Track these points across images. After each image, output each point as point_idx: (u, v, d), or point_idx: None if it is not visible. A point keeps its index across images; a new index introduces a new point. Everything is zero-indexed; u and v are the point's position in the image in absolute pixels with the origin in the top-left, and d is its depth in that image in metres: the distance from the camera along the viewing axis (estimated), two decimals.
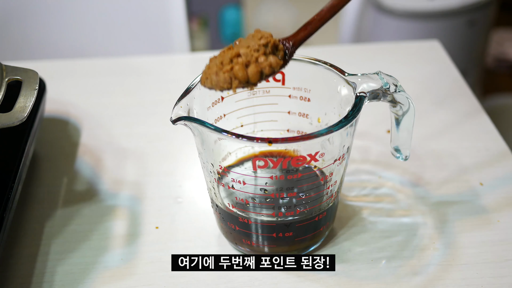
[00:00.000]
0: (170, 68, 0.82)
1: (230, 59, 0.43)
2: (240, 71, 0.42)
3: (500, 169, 0.62)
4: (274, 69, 0.43)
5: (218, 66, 0.43)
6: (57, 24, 1.13)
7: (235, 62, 0.43)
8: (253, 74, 0.43)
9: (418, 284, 0.51)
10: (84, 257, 0.54)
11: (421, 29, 1.35)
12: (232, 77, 0.42)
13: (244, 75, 0.42)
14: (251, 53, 0.43)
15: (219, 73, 0.43)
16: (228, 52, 0.44)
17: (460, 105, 0.72)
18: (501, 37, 1.98)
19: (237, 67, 0.42)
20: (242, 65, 0.42)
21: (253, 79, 0.43)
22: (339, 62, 0.54)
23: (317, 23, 0.44)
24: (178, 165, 0.64)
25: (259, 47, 0.43)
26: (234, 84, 0.43)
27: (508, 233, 0.55)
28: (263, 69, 0.43)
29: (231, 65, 0.43)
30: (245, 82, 0.43)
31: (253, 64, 0.42)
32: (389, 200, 0.59)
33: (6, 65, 0.53)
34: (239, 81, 0.43)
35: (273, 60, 0.43)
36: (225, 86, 0.43)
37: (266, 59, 0.43)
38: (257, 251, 0.53)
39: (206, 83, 0.44)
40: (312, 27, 0.45)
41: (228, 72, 0.42)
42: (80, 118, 0.71)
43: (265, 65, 0.43)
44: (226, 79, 0.42)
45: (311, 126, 0.54)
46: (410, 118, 0.51)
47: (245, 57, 0.43)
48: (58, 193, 0.61)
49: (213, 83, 0.43)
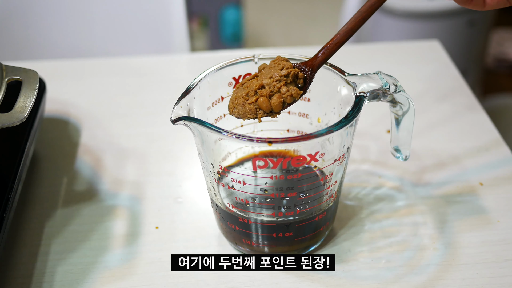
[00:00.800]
0: (170, 68, 0.82)
1: (254, 91, 0.47)
2: (264, 103, 0.46)
3: (500, 169, 0.62)
4: (295, 99, 0.47)
5: (244, 97, 0.47)
6: (57, 24, 1.13)
7: (259, 93, 0.47)
8: (276, 105, 0.46)
9: (418, 284, 0.51)
10: (84, 257, 0.54)
11: (421, 29, 1.35)
12: (257, 108, 0.47)
13: (268, 106, 0.46)
14: (274, 83, 0.46)
15: (245, 104, 0.47)
16: (252, 82, 0.48)
17: (460, 105, 0.72)
18: (501, 37, 1.98)
19: (261, 99, 0.46)
20: (266, 97, 0.46)
21: (276, 109, 0.47)
22: (339, 62, 0.54)
23: (334, 46, 0.48)
24: (178, 165, 0.65)
25: (280, 77, 0.47)
26: (259, 115, 0.47)
27: (508, 233, 0.55)
28: (285, 99, 0.47)
29: (256, 97, 0.47)
30: (269, 112, 0.47)
31: (276, 95, 0.46)
32: (389, 200, 0.59)
33: (6, 65, 0.53)
34: (263, 112, 0.47)
35: (294, 91, 0.47)
36: (251, 117, 0.47)
37: (288, 89, 0.47)
38: (257, 251, 0.53)
39: (233, 113, 0.48)
40: (329, 50, 0.48)
41: (253, 104, 0.47)
42: (80, 118, 0.71)
43: (287, 95, 0.47)
44: (252, 110, 0.47)
45: (311, 126, 0.54)
46: (410, 118, 0.51)
47: (268, 88, 0.46)
48: (58, 193, 0.61)
49: (240, 113, 0.47)
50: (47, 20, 1.12)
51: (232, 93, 0.48)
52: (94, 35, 1.15)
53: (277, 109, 0.47)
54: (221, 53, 1.10)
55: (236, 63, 0.52)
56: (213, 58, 0.83)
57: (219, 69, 0.51)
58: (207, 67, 0.51)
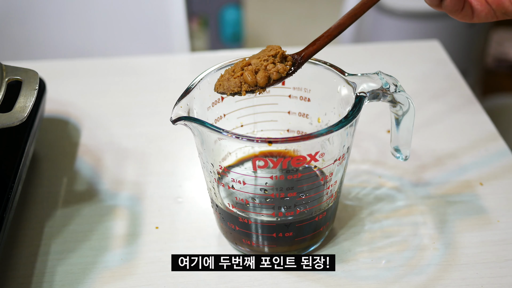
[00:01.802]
0: (170, 68, 0.82)
1: (241, 68, 0.47)
2: (249, 76, 0.46)
3: (500, 169, 0.62)
4: (281, 75, 0.47)
5: (230, 73, 0.47)
6: (57, 24, 1.13)
7: (245, 69, 0.47)
8: (261, 78, 0.46)
9: (418, 284, 0.51)
10: (84, 257, 0.54)
11: (421, 29, 1.35)
12: (242, 81, 0.47)
13: (253, 80, 0.46)
14: (261, 62, 0.47)
15: (230, 79, 0.47)
16: (240, 62, 0.48)
17: (460, 105, 0.72)
18: (501, 37, 1.98)
19: (246, 73, 0.47)
20: (251, 71, 0.47)
21: (261, 83, 0.47)
22: (339, 62, 0.54)
23: (325, 39, 0.48)
24: (178, 165, 0.65)
25: (268, 57, 0.47)
26: (244, 88, 0.47)
27: (508, 233, 0.55)
28: (270, 74, 0.47)
29: (241, 72, 0.47)
30: (253, 86, 0.47)
31: (262, 70, 0.46)
32: (389, 200, 0.59)
33: (6, 65, 0.53)
34: (248, 85, 0.47)
35: (281, 67, 0.47)
36: (235, 90, 0.47)
37: (274, 66, 0.47)
38: (257, 251, 0.53)
39: (218, 89, 0.48)
40: (320, 43, 0.48)
41: (238, 78, 0.47)
42: (80, 118, 0.71)
43: (273, 71, 0.47)
44: (237, 83, 0.47)
45: (311, 126, 0.54)
46: (410, 118, 0.51)
47: (254, 66, 0.47)
48: (58, 193, 0.61)
49: (225, 87, 0.47)
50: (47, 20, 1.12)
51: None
52: (94, 35, 1.15)
53: (262, 83, 0.46)
54: (221, 53, 1.10)
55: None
56: (213, 58, 0.83)
57: (219, 69, 0.51)
58: (207, 67, 0.51)
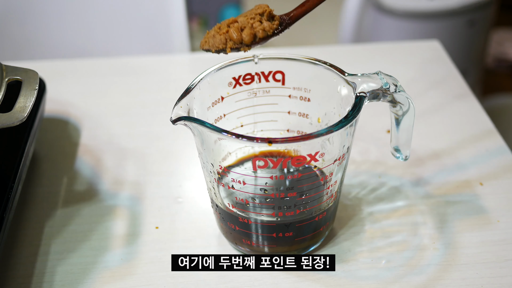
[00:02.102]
0: (170, 68, 0.82)
1: (227, 25, 0.47)
2: (234, 33, 0.46)
3: (500, 169, 0.62)
4: (267, 33, 0.47)
5: (216, 30, 0.47)
6: (57, 24, 1.13)
7: (231, 26, 0.47)
8: (246, 35, 0.46)
9: (418, 284, 0.51)
10: (84, 257, 0.54)
11: (421, 29, 1.35)
12: (227, 38, 0.46)
13: (239, 37, 0.46)
14: (247, 20, 0.47)
15: (215, 36, 0.47)
16: (227, 20, 0.47)
17: (460, 105, 0.72)
18: (501, 37, 1.98)
19: (232, 30, 0.46)
20: (237, 28, 0.46)
21: (247, 41, 0.46)
22: (339, 62, 0.54)
23: (314, 1, 0.47)
24: (178, 165, 0.65)
25: (255, 15, 0.47)
26: (229, 45, 0.47)
27: (508, 233, 0.55)
28: (256, 32, 0.46)
29: (227, 29, 0.47)
30: (239, 43, 0.46)
31: (248, 28, 0.46)
32: (389, 200, 0.59)
33: (6, 65, 0.53)
34: (233, 42, 0.46)
35: (267, 24, 0.47)
36: (220, 47, 0.47)
37: (261, 24, 0.47)
38: (257, 251, 0.53)
39: (204, 46, 0.48)
40: (310, 4, 0.48)
41: (223, 34, 0.47)
42: (80, 118, 0.71)
43: (259, 29, 0.46)
44: (222, 40, 0.47)
45: (311, 126, 0.54)
46: (410, 118, 0.51)
47: (241, 23, 0.47)
48: (58, 193, 0.61)
49: (210, 44, 0.47)
50: (47, 20, 1.12)
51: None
52: (94, 35, 1.15)
53: (248, 40, 0.46)
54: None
55: (236, 63, 0.52)
56: (213, 58, 0.83)
57: (219, 69, 0.51)
58: (207, 67, 0.51)
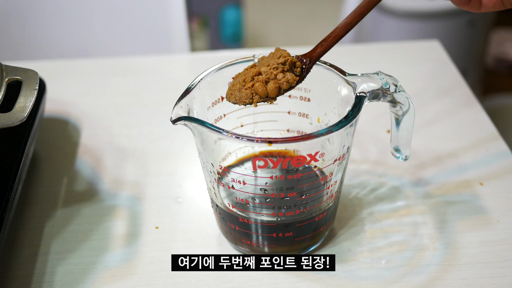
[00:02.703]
0: (170, 68, 0.82)
1: (251, 77, 0.48)
2: (260, 88, 0.47)
3: (500, 169, 0.62)
4: (291, 85, 0.48)
5: (241, 83, 0.48)
6: (57, 24, 1.13)
7: (256, 79, 0.47)
8: (271, 90, 0.47)
9: (418, 284, 0.51)
10: (84, 257, 0.54)
11: (421, 29, 1.35)
12: (253, 93, 0.47)
13: (264, 91, 0.47)
14: (271, 71, 0.47)
15: (241, 90, 0.48)
16: (250, 70, 0.48)
17: (460, 105, 0.72)
18: (501, 37, 1.98)
19: (257, 84, 0.47)
20: (262, 83, 0.47)
21: (272, 94, 0.47)
22: (339, 62, 0.54)
23: (333, 39, 0.48)
24: (178, 165, 0.65)
25: (277, 65, 0.47)
26: (255, 99, 0.47)
27: (508, 233, 0.55)
28: (281, 85, 0.47)
29: (252, 83, 0.48)
30: (265, 97, 0.47)
31: (272, 81, 0.47)
32: (389, 200, 0.59)
33: (6, 65, 0.53)
34: (259, 96, 0.47)
35: (290, 77, 0.47)
36: (247, 101, 0.48)
37: (284, 76, 0.47)
38: (257, 251, 0.53)
39: (230, 99, 0.48)
40: (328, 43, 0.48)
41: (249, 89, 0.47)
42: (80, 118, 0.71)
43: (283, 81, 0.47)
44: (248, 95, 0.47)
45: (311, 126, 0.54)
46: (410, 118, 0.51)
47: (265, 75, 0.47)
48: (58, 193, 0.61)
49: (237, 98, 0.48)
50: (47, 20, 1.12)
51: (231, 82, 0.49)
52: (94, 35, 1.15)
53: (273, 94, 0.47)
54: (221, 53, 1.10)
55: (236, 63, 0.52)
56: (213, 58, 0.83)
57: (219, 69, 0.51)
58: (207, 67, 0.51)
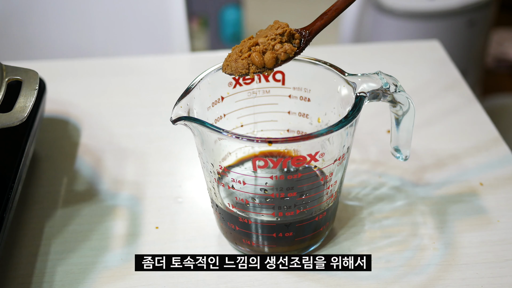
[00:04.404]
0: (170, 68, 0.82)
1: (248, 48, 0.46)
2: (257, 57, 0.46)
3: (500, 169, 0.62)
4: (289, 55, 0.46)
5: (237, 54, 0.47)
6: (57, 24, 1.13)
7: (253, 50, 0.46)
8: (268, 60, 0.46)
9: (418, 284, 0.51)
10: (84, 257, 0.54)
11: (421, 29, 1.35)
12: (250, 63, 0.46)
13: (261, 61, 0.46)
14: (268, 41, 0.46)
15: (238, 60, 0.46)
16: (247, 41, 0.47)
17: (460, 105, 0.72)
18: (501, 37, 1.98)
19: (254, 54, 0.46)
20: (259, 52, 0.46)
21: (269, 65, 0.46)
22: (339, 62, 0.54)
23: (333, 13, 0.47)
24: (178, 165, 0.64)
25: (275, 36, 0.46)
26: (252, 69, 0.46)
27: (508, 233, 0.55)
28: (278, 55, 0.46)
29: (249, 53, 0.46)
30: (261, 67, 0.46)
31: (270, 51, 0.46)
32: (389, 200, 0.59)
33: (6, 65, 0.53)
34: (256, 67, 0.46)
35: (288, 47, 0.46)
36: (243, 72, 0.46)
37: (282, 46, 0.46)
38: (257, 251, 0.53)
39: (226, 70, 0.47)
40: (328, 17, 0.47)
41: (246, 59, 0.46)
42: (80, 118, 0.71)
43: (281, 51, 0.46)
44: (244, 65, 0.46)
45: (311, 126, 0.54)
46: (410, 118, 0.51)
47: (262, 46, 0.46)
48: (58, 193, 0.61)
49: (233, 69, 0.47)
50: (47, 20, 1.12)
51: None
52: (94, 35, 1.15)
53: (270, 64, 0.46)
54: (221, 53, 1.10)
55: None
56: (213, 58, 0.83)
57: (219, 69, 0.51)
58: (207, 67, 0.51)
